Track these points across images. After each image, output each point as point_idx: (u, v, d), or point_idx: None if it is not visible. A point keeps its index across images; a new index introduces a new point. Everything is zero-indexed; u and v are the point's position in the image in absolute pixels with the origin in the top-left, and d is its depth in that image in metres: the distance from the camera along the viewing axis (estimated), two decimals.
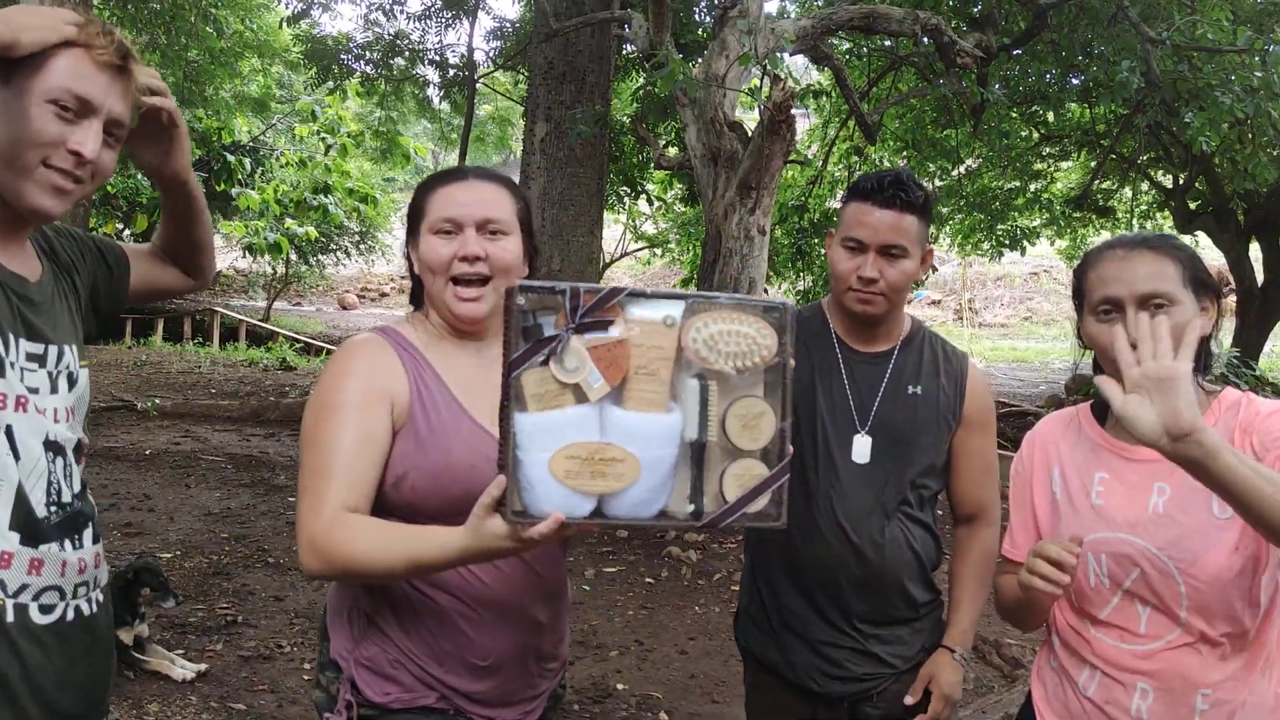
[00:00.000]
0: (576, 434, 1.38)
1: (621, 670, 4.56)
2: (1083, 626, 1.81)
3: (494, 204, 1.73)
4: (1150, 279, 1.71)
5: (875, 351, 2.19)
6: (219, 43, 15.45)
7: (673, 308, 1.43)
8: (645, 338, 1.42)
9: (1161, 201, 16.03)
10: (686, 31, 10.16)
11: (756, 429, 1.46)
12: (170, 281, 1.89)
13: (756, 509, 1.45)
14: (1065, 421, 1.93)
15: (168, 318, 19.78)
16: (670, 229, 16.51)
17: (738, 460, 1.44)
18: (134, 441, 9.12)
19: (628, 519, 1.41)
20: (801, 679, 2.17)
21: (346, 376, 1.67)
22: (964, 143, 11.44)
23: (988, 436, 2.24)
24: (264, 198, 16.44)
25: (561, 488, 1.37)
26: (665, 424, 1.42)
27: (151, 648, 4.23)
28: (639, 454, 1.39)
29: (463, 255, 1.69)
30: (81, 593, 1.57)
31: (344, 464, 1.59)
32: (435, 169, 31.55)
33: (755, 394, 1.46)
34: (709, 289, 6.50)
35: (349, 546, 1.53)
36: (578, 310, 1.39)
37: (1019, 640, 5.07)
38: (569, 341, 1.39)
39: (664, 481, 1.41)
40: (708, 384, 1.44)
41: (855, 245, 2.09)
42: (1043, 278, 30.41)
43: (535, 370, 1.38)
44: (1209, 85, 7.42)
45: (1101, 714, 1.77)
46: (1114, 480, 1.80)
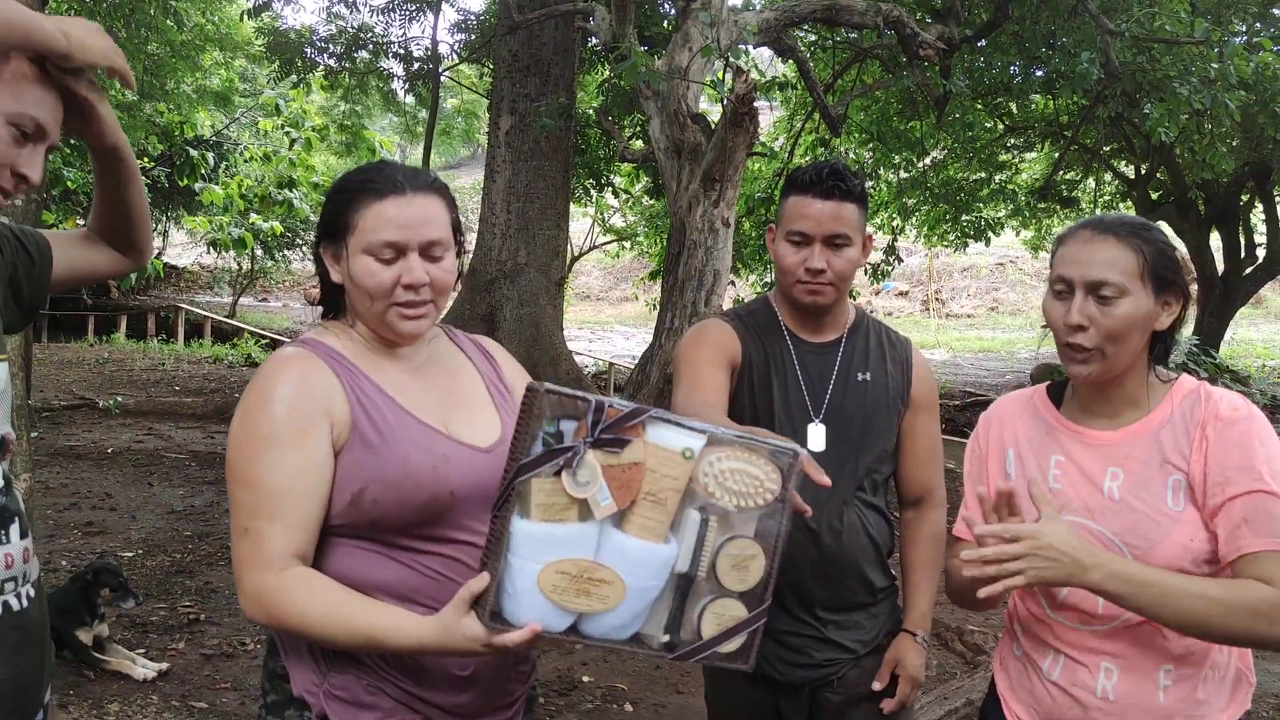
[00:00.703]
0: (572, 550, 1.36)
1: (587, 662, 4.56)
2: (1042, 611, 1.82)
3: (435, 222, 1.61)
4: (1103, 267, 1.70)
5: (824, 341, 2.22)
6: (179, 36, 15.27)
7: (694, 440, 1.41)
8: (660, 465, 1.40)
9: (1124, 192, 16.21)
10: (650, 24, 10.16)
11: (745, 570, 1.45)
12: (104, 264, 1.83)
13: (729, 649, 1.45)
14: (1022, 402, 1.94)
15: (131, 315, 19.58)
16: (638, 222, 16.50)
17: (720, 599, 1.44)
18: (96, 440, 9.02)
19: (601, 640, 1.39)
20: (762, 668, 2.17)
21: (274, 401, 1.54)
22: (929, 134, 11.50)
23: (933, 418, 2.30)
24: (228, 193, 16.28)
25: (545, 601, 1.35)
26: (661, 555, 1.41)
27: (112, 647, 4.19)
28: (628, 580, 1.38)
29: (407, 283, 1.58)
30: (9, 588, 1.53)
31: (286, 504, 1.49)
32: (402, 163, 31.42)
33: (749, 535, 1.45)
34: (674, 281, 6.50)
35: (301, 611, 1.46)
36: (599, 424, 1.36)
37: (981, 627, 5.12)
38: (585, 455, 1.36)
39: (646, 609, 1.41)
40: (708, 519, 1.43)
41: (800, 238, 2.11)
42: (1008, 268, 30.69)
43: (547, 479, 1.35)
44: (1168, 77, 7.50)
45: (1067, 696, 1.77)
46: (1069, 463, 1.80)
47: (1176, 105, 7.41)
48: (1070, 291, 1.73)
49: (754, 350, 2.19)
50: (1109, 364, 1.73)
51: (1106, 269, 1.70)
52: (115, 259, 1.84)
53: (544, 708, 4.09)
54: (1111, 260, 1.71)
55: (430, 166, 12.05)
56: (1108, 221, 1.76)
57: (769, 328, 2.23)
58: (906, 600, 2.29)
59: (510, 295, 9.38)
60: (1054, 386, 1.92)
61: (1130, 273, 1.70)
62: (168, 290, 25.20)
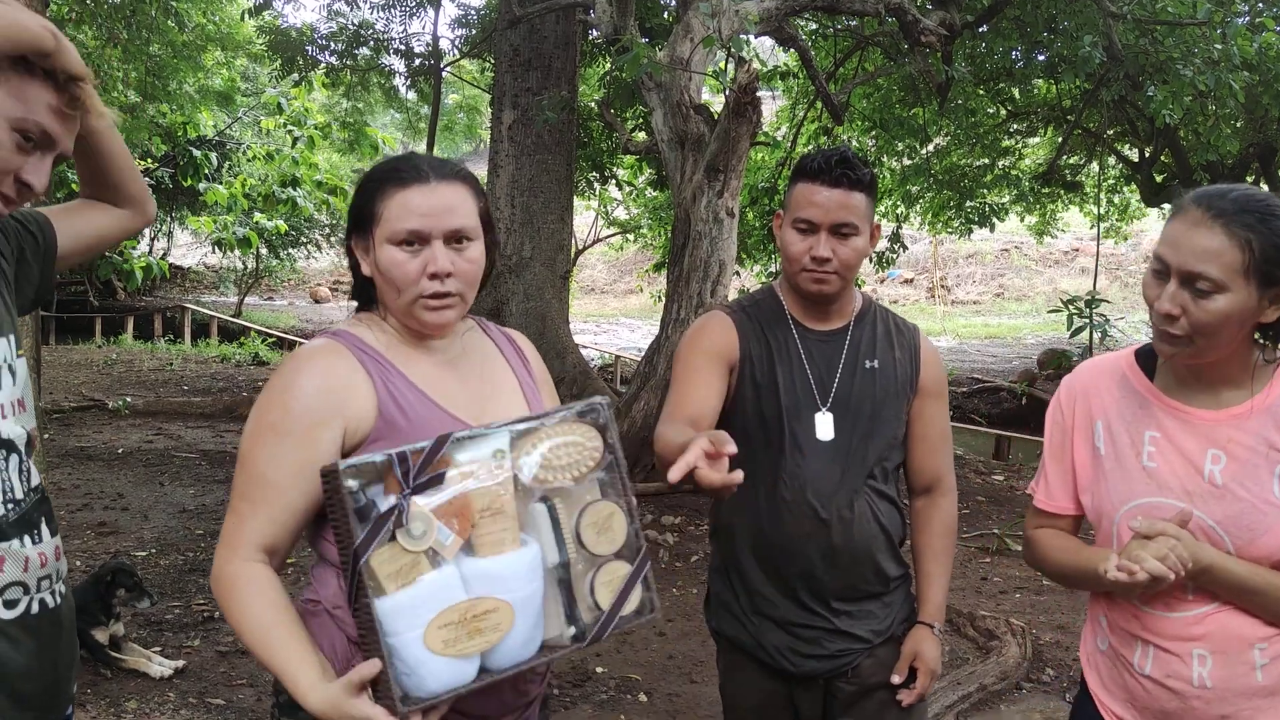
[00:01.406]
0: (445, 598, 1.34)
1: (600, 654, 4.58)
2: (1130, 602, 1.75)
3: (460, 210, 1.60)
4: (1203, 258, 1.56)
5: (830, 329, 2.20)
6: (181, 36, 15.26)
7: (498, 440, 1.40)
8: (483, 479, 1.38)
9: (1128, 175, 16.16)
10: (651, 15, 10.14)
11: (610, 530, 1.44)
12: (109, 224, 1.81)
13: (632, 607, 1.44)
14: (1108, 370, 1.83)
15: (138, 316, 19.61)
16: (642, 214, 16.49)
17: (602, 566, 1.42)
18: (106, 441, 9.05)
19: (512, 667, 1.37)
20: (776, 660, 2.18)
21: (293, 394, 1.55)
22: (931, 121, 11.48)
23: (942, 405, 2.28)
24: (231, 192, 16.27)
25: (444, 660, 1.32)
26: (525, 559, 1.39)
27: (128, 646, 4.21)
28: (509, 597, 1.35)
29: (432, 272, 1.57)
30: (45, 586, 1.56)
31: (273, 496, 1.52)
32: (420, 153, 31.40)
33: (598, 498, 1.44)
34: (679, 272, 6.51)
35: (240, 612, 1.49)
36: (409, 473, 1.34)
37: (993, 613, 5.13)
38: (410, 508, 1.34)
39: (538, 617, 1.38)
40: (553, 504, 1.42)
41: (806, 226, 2.08)
42: (1013, 254, 30.61)
43: (383, 549, 1.32)
44: (1171, 58, 7.48)
45: (1163, 689, 1.72)
46: (1166, 441, 1.71)
47: (1180, 87, 7.39)
48: (1167, 274, 1.61)
49: (755, 342, 2.18)
50: (1198, 351, 1.63)
51: (1205, 261, 1.56)
52: (119, 216, 1.82)
53: (558, 700, 4.11)
54: (1213, 252, 1.56)
55: None
56: (1224, 202, 1.58)
57: (774, 317, 2.21)
58: (920, 592, 2.27)
59: (516, 290, 9.39)
60: (1142, 353, 1.80)
61: (1232, 268, 1.56)
62: (173, 291, 25.24)
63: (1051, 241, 23.05)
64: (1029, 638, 4.75)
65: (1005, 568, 6.25)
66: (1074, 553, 1.82)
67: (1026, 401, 14.59)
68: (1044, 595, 5.71)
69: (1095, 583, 1.69)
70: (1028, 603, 5.56)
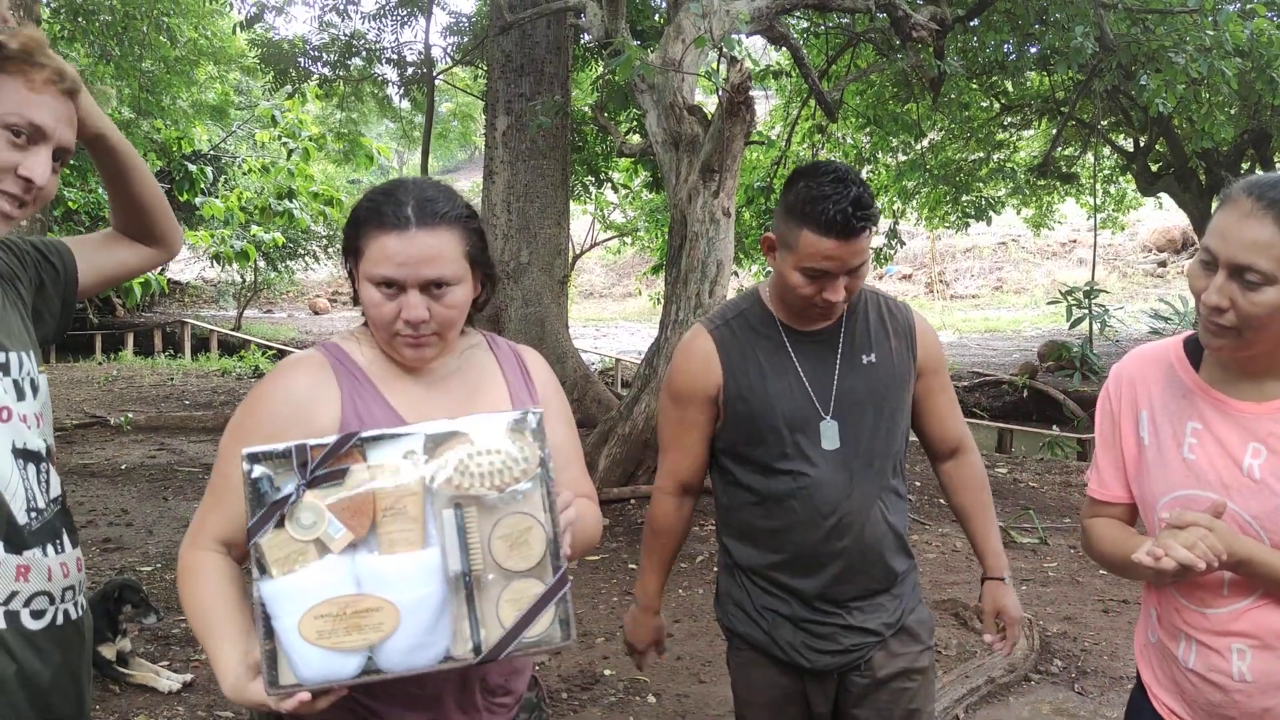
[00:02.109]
0: (326, 590, 1.33)
1: (608, 656, 4.58)
2: (1173, 597, 1.75)
3: (440, 259, 1.56)
4: (1252, 250, 1.53)
5: (821, 329, 2.15)
6: (173, 51, 15.29)
7: (411, 442, 1.39)
8: (389, 478, 1.37)
9: (1124, 165, 16.18)
10: (642, 18, 10.15)
11: (525, 545, 1.38)
12: (133, 260, 1.83)
13: (539, 631, 1.36)
14: (1155, 360, 1.80)
15: (138, 331, 19.63)
16: (639, 216, 16.50)
17: (512, 583, 1.37)
18: (109, 457, 9.05)
19: (405, 670, 1.34)
20: (789, 655, 2.17)
21: (263, 400, 1.61)
22: (925, 116, 11.51)
23: (943, 374, 2.28)
24: (228, 206, 16.30)
25: (317, 650, 1.31)
26: (420, 561, 1.36)
27: (135, 661, 4.21)
28: (396, 599, 1.33)
29: (406, 319, 1.57)
30: (69, 596, 1.59)
31: (232, 496, 1.53)
32: (399, 169, 31.18)
33: (520, 510, 1.39)
34: (677, 274, 6.51)
35: (186, 595, 1.53)
36: (307, 465, 1.37)
37: None
38: (302, 498, 1.36)
39: (433, 623, 1.34)
40: (464, 511, 1.38)
41: (818, 274, 2.00)
42: (1011, 247, 30.63)
43: (272, 534, 1.34)
44: (1163, 47, 7.49)
45: (1206, 683, 1.71)
46: (1207, 433, 1.69)
47: (1173, 75, 7.40)
48: (1215, 265, 1.58)
49: (742, 357, 2.13)
50: (1245, 343, 1.60)
51: (1255, 253, 1.53)
52: (143, 253, 1.84)
53: (566, 703, 4.11)
54: (1264, 244, 1.52)
55: (428, 171, 12.05)
56: (1276, 193, 1.53)
57: (762, 324, 2.17)
58: (977, 548, 2.33)
59: (514, 296, 9.40)
60: (1190, 342, 1.77)
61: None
62: (173, 306, 25.26)
63: (1049, 233, 23.08)
64: (1036, 629, 4.74)
65: (1011, 560, 6.20)
66: (1120, 542, 1.81)
67: (1028, 394, 14.61)
68: (1050, 587, 5.71)
69: (1137, 571, 1.67)
70: (1034, 594, 5.55)
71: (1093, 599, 5.47)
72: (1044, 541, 6.63)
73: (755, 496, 2.16)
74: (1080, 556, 6.25)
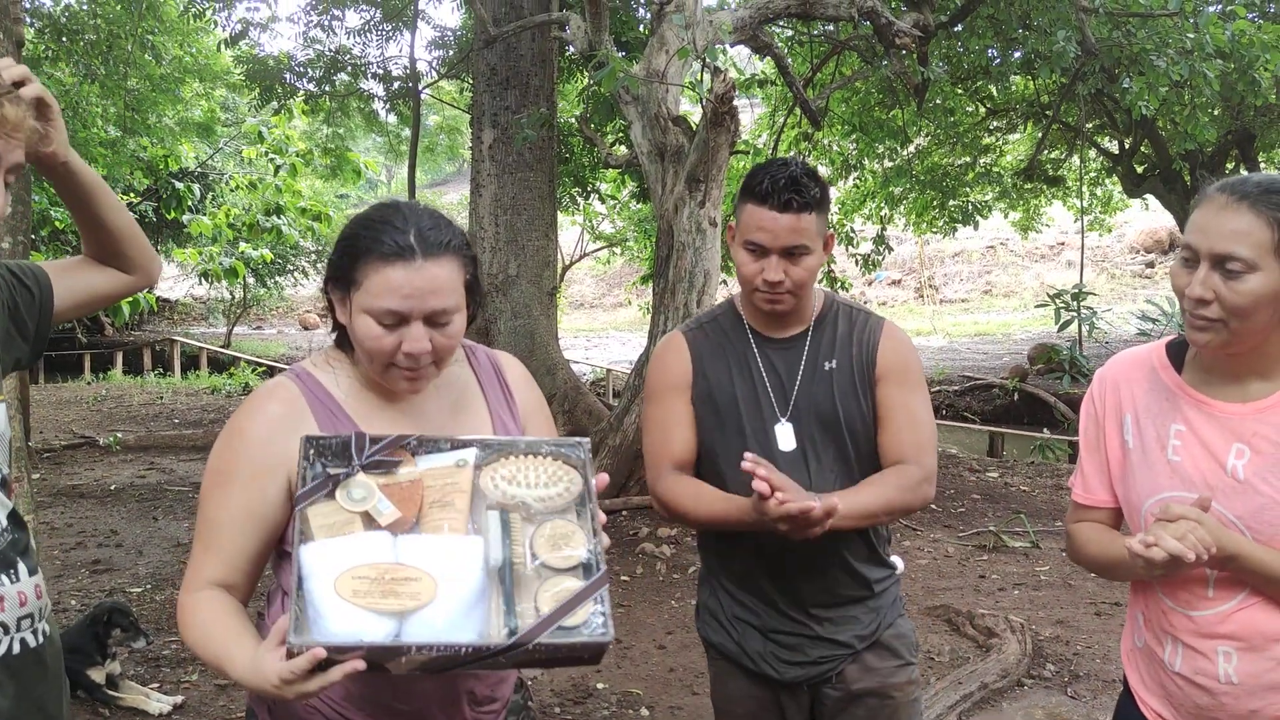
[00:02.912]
0: (368, 556, 1.32)
1: (601, 669, 4.56)
2: (1159, 600, 1.76)
3: (444, 290, 1.53)
4: (1231, 239, 1.57)
5: (789, 335, 2.18)
6: (158, 69, 15.27)
7: (464, 454, 1.43)
8: (439, 478, 1.40)
9: (1109, 167, 16.24)
10: (626, 29, 10.17)
11: (566, 547, 1.40)
12: (107, 285, 1.81)
13: (576, 622, 1.35)
14: (1138, 363, 1.83)
15: (127, 350, 19.55)
16: (627, 227, 16.51)
17: (552, 578, 1.38)
18: (98, 478, 9.01)
19: (436, 643, 1.29)
20: (759, 666, 2.18)
21: (241, 440, 1.57)
22: (911, 122, 11.53)
23: (907, 390, 2.14)
24: (216, 223, 16.24)
25: (350, 607, 1.28)
26: (465, 545, 1.36)
27: (125, 684, 4.19)
28: (436, 573, 1.33)
29: (408, 351, 1.53)
30: (25, 625, 1.56)
31: (222, 539, 1.54)
32: (387, 183, 31.07)
33: (562, 517, 1.42)
34: (665, 284, 6.51)
35: (186, 633, 1.52)
36: (363, 451, 1.39)
37: (991, 610, 5.13)
38: (356, 475, 1.38)
39: (470, 606, 1.33)
40: (509, 516, 1.40)
41: (756, 249, 2.07)
42: (999, 250, 30.71)
43: (321, 503, 1.36)
44: (1144, 50, 7.52)
45: (1194, 686, 1.72)
46: (1190, 435, 1.71)
47: (1155, 78, 7.43)
48: (1196, 260, 1.62)
49: (711, 360, 2.18)
50: (1232, 337, 1.62)
51: (1234, 241, 1.57)
52: (118, 278, 1.82)
53: (559, 717, 4.09)
54: (1242, 232, 1.57)
55: (416, 185, 12.04)
56: (1247, 186, 1.60)
57: (732, 330, 2.21)
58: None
59: (503, 308, 9.39)
60: (1173, 346, 1.80)
61: (1262, 246, 1.57)
62: (162, 324, 25.18)
63: (1036, 236, 23.13)
64: (1029, 634, 4.74)
65: (1002, 565, 6.25)
66: (1107, 544, 1.82)
67: (1018, 397, 14.63)
68: (1042, 591, 5.71)
69: (1127, 572, 1.70)
70: (1026, 599, 5.55)
71: (1085, 603, 5.47)
72: (1035, 545, 6.64)
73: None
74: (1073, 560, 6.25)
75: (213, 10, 12.85)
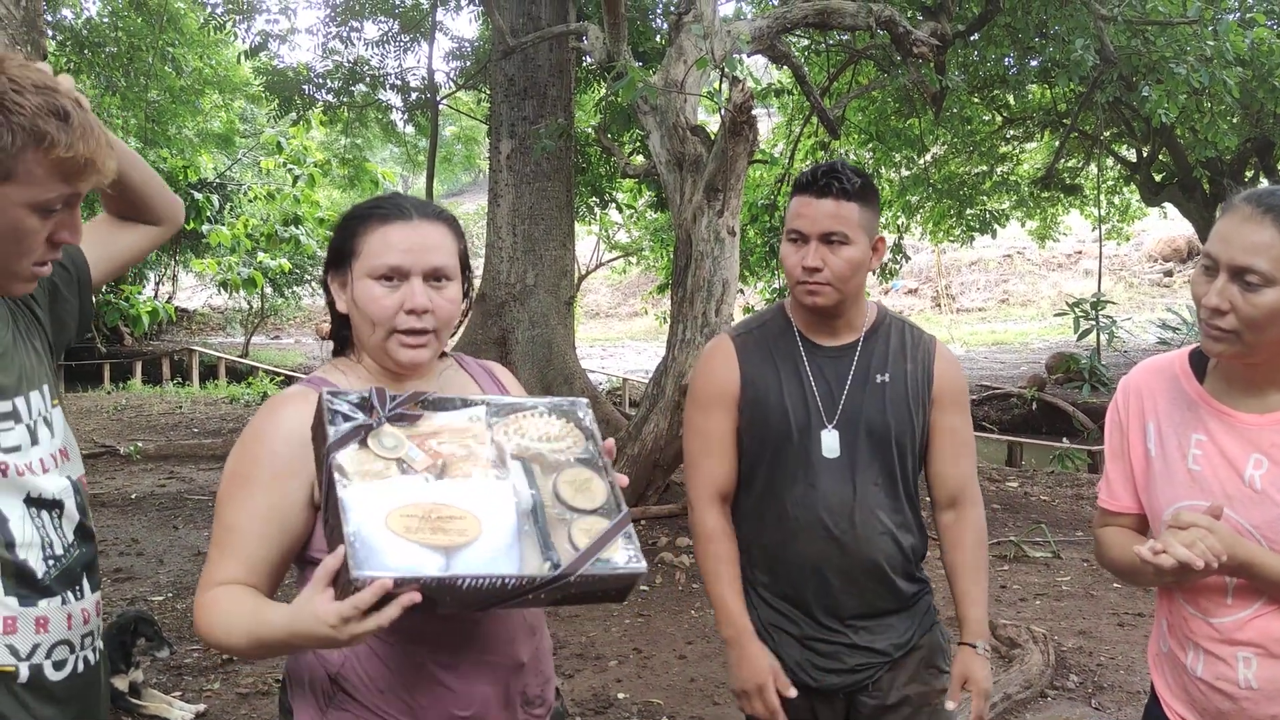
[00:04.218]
0: (408, 498, 1.35)
1: (621, 679, 4.56)
2: (1180, 606, 1.77)
3: (440, 249, 1.60)
4: (1251, 251, 1.57)
5: (839, 344, 2.19)
6: (179, 81, 15.41)
7: (474, 410, 1.48)
8: (455, 431, 1.44)
9: (1127, 176, 16.18)
10: (644, 40, 10.21)
11: (589, 491, 1.45)
12: (138, 241, 1.79)
13: (611, 555, 1.40)
14: (1161, 372, 1.84)
15: (146, 360, 19.66)
16: (643, 236, 16.54)
17: (580, 518, 1.43)
18: (119, 487, 9.06)
19: (487, 575, 1.32)
20: (795, 674, 2.17)
21: (261, 443, 1.56)
22: (928, 131, 11.53)
23: (961, 415, 2.23)
24: (234, 233, 16.37)
25: (404, 542, 1.30)
26: (497, 488, 1.40)
27: (148, 692, 4.21)
28: (477, 512, 1.36)
29: (409, 308, 1.57)
30: (88, 643, 1.57)
31: (242, 543, 1.52)
32: (405, 193, 31.52)
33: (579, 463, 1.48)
34: (683, 293, 6.52)
35: (214, 623, 1.49)
36: (384, 405, 1.42)
37: (1013, 620, 5.10)
38: (383, 427, 1.40)
39: (511, 541, 1.36)
40: (529, 465, 1.45)
41: (797, 236, 2.11)
42: (1016, 259, 30.61)
43: (353, 451, 1.37)
44: (1164, 58, 7.50)
45: (1216, 692, 1.73)
46: (1210, 444, 1.72)
47: (1174, 86, 7.40)
48: (1216, 269, 1.62)
49: (759, 365, 2.18)
50: (1247, 348, 1.62)
51: (1254, 254, 1.57)
52: (146, 233, 1.80)
53: None
54: (1263, 245, 1.57)
55: (433, 195, 12.10)
56: (1274, 199, 1.60)
57: (781, 335, 2.21)
58: (960, 611, 2.24)
59: (521, 318, 9.41)
60: (1195, 355, 1.80)
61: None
62: (180, 334, 25.33)
63: (1054, 245, 23.04)
64: (1051, 644, 4.71)
65: (1023, 575, 6.21)
66: (1127, 548, 1.81)
67: (1036, 406, 14.56)
68: (1064, 601, 5.68)
69: (1148, 577, 1.70)
70: (1048, 609, 5.52)
71: (1107, 613, 5.44)
72: (1056, 555, 6.60)
73: (763, 506, 2.18)
74: (1094, 570, 6.22)
75: (233, 23, 12.97)
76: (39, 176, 1.36)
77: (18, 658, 1.46)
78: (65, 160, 1.36)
